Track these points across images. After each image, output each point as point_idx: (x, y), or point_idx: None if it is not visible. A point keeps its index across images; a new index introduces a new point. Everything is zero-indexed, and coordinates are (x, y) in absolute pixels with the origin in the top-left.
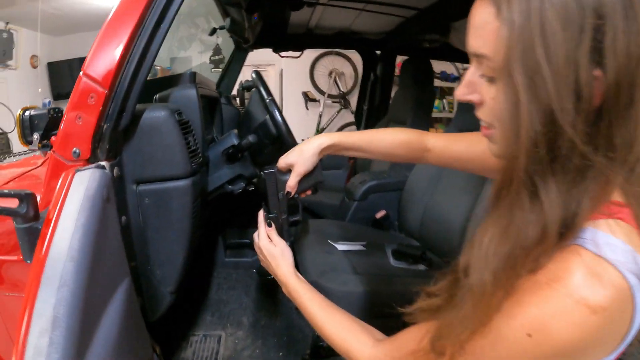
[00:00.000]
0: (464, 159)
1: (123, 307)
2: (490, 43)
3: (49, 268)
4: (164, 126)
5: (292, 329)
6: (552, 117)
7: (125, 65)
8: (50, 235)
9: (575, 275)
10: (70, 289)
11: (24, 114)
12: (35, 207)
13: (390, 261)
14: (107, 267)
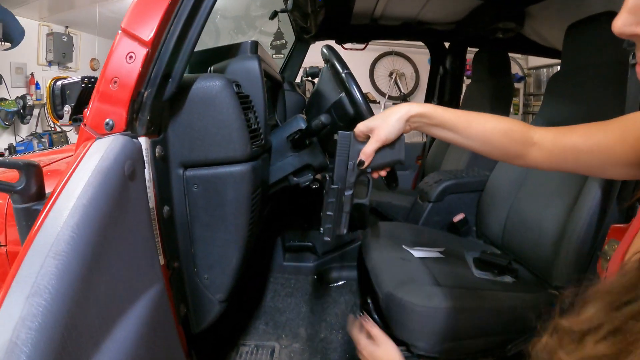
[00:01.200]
0: (583, 151)
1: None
2: None
3: (25, 267)
4: (219, 98)
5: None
6: None
7: (173, 20)
8: (42, 220)
9: None
10: (47, 300)
11: (54, 84)
12: (39, 183)
13: (473, 271)
14: (124, 270)
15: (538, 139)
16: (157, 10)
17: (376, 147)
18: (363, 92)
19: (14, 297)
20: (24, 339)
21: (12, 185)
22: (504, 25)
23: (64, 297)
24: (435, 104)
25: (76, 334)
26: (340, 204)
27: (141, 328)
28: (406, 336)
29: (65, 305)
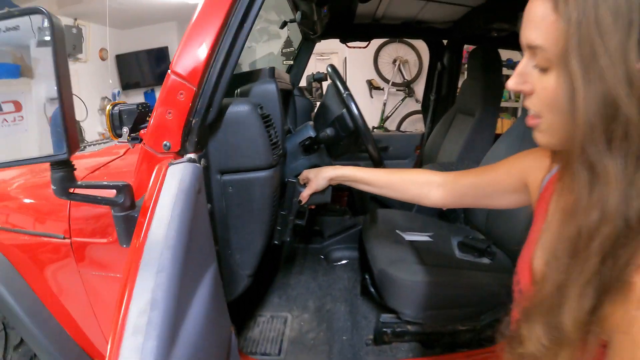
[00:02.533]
0: (480, 186)
1: (210, 289)
2: (546, 35)
3: (147, 254)
4: (247, 120)
5: (356, 314)
6: (608, 101)
7: (212, 63)
8: (147, 224)
9: None
10: (167, 274)
11: (113, 109)
12: (132, 197)
13: (456, 253)
14: (198, 253)
15: (441, 182)
16: (200, 55)
17: (309, 192)
18: (360, 109)
19: (145, 274)
20: (159, 297)
21: (114, 200)
22: (498, 26)
23: (175, 272)
24: (433, 98)
25: (181, 294)
26: (286, 223)
27: (210, 290)
28: (396, 305)
29: (175, 277)
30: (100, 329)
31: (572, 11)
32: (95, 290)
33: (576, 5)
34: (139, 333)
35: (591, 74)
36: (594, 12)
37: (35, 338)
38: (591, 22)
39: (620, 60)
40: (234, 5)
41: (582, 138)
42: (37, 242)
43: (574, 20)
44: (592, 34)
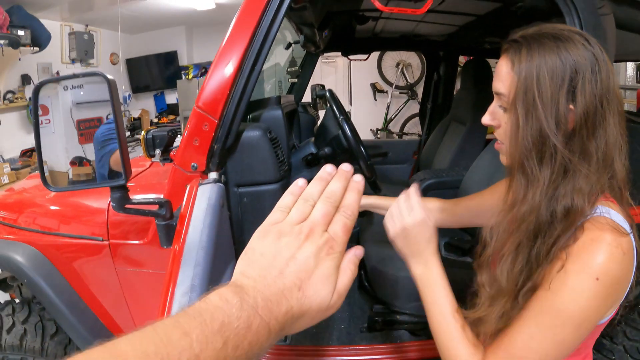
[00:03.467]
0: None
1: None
2: (506, 86)
3: (186, 253)
4: (258, 143)
5: (353, 305)
6: (541, 133)
7: (230, 99)
8: (185, 231)
9: (608, 232)
10: (202, 267)
11: (147, 135)
12: (171, 210)
13: (442, 252)
14: (222, 252)
15: (446, 207)
16: (221, 94)
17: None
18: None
19: (185, 267)
20: (197, 284)
21: (158, 212)
22: (490, 39)
23: (207, 266)
24: (430, 106)
25: (211, 281)
26: None
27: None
28: (385, 297)
29: (208, 269)
30: (131, 317)
31: (521, 70)
32: (129, 284)
33: (524, 66)
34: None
35: (529, 115)
36: (536, 72)
37: (73, 326)
38: (533, 78)
39: (551, 106)
40: (247, 52)
41: (521, 156)
42: (76, 244)
43: (521, 76)
44: (532, 87)
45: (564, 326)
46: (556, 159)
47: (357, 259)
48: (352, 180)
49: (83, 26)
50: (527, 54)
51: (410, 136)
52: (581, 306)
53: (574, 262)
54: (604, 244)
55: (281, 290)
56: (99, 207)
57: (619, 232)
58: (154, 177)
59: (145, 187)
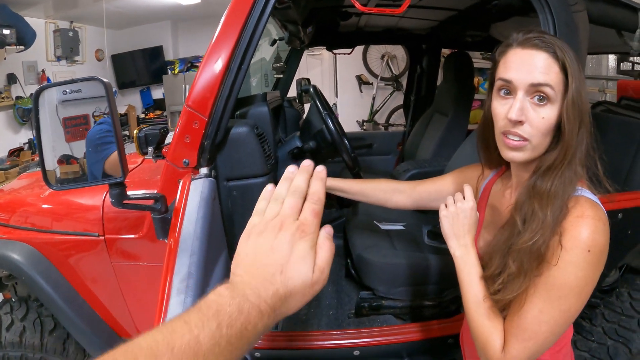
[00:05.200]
0: (432, 192)
1: (224, 265)
2: (552, 79)
3: (182, 243)
4: (246, 138)
5: (341, 292)
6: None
7: (218, 98)
8: (180, 223)
9: (590, 208)
10: (197, 256)
11: (139, 133)
12: (166, 204)
13: (425, 240)
14: (215, 242)
15: (402, 189)
16: (209, 92)
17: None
18: (336, 125)
19: (182, 256)
20: (193, 271)
21: (154, 207)
22: (471, 33)
23: (202, 255)
24: (413, 98)
25: (206, 268)
26: None
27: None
28: (371, 283)
29: (203, 258)
30: (128, 311)
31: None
32: (125, 277)
33: (572, 64)
34: (181, 293)
35: (576, 110)
36: (578, 70)
37: (71, 321)
38: (578, 71)
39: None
40: (234, 53)
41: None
42: (72, 240)
43: (574, 73)
44: (578, 83)
45: (568, 296)
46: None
47: (330, 235)
48: (315, 171)
49: (68, 23)
50: (560, 48)
51: (396, 127)
52: (580, 277)
53: (568, 239)
54: (589, 219)
55: (265, 278)
56: (93, 204)
57: (596, 206)
58: (146, 173)
59: (139, 183)
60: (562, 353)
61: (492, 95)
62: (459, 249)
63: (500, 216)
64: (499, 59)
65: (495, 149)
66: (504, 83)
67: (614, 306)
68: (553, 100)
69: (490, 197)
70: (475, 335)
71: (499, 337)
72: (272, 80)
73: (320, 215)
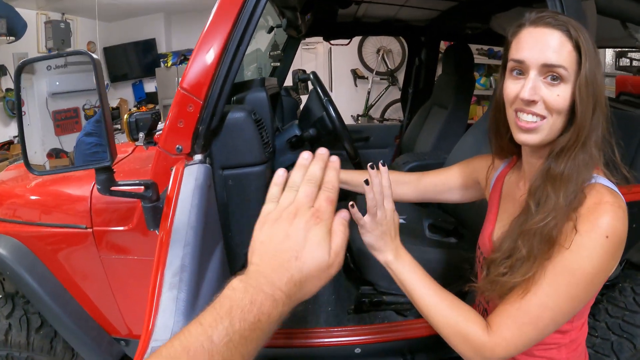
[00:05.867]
0: (437, 184)
1: (220, 258)
2: (565, 58)
3: (175, 233)
4: (243, 124)
5: (339, 287)
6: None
7: (215, 80)
8: (173, 212)
9: (608, 195)
10: (191, 247)
11: (130, 118)
12: (157, 192)
13: (426, 233)
14: (210, 232)
15: (407, 180)
16: (205, 74)
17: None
18: (338, 112)
19: (175, 247)
20: (187, 263)
21: (144, 195)
22: (472, 25)
23: (197, 246)
24: (411, 91)
25: (201, 261)
26: None
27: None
28: (372, 278)
29: (197, 249)
30: (117, 306)
31: (586, 48)
32: (114, 272)
33: (585, 40)
34: (174, 288)
35: (590, 90)
36: (593, 50)
37: (58, 318)
38: (593, 52)
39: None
40: (232, 32)
41: (589, 129)
42: (59, 233)
43: (587, 50)
44: (593, 63)
45: (579, 283)
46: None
47: (345, 220)
48: (329, 160)
49: (59, 14)
50: (573, 27)
51: (391, 122)
52: (594, 264)
53: (584, 223)
54: (608, 205)
55: (280, 264)
56: (81, 195)
57: (614, 193)
58: (136, 162)
59: (129, 172)
60: (578, 352)
61: (504, 77)
62: (389, 254)
63: (515, 207)
64: (512, 39)
65: (506, 135)
66: (516, 64)
67: (617, 301)
68: (566, 79)
69: (503, 188)
70: (447, 335)
71: (474, 322)
72: (267, 72)
73: (334, 203)
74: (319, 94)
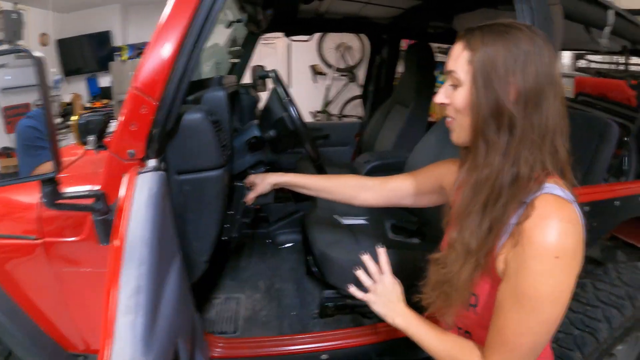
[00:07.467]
0: (402, 189)
1: (178, 275)
2: (460, 65)
3: (128, 250)
4: (200, 126)
5: (303, 291)
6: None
7: (170, 79)
8: (125, 226)
9: (555, 208)
10: (147, 265)
11: (80, 120)
12: (107, 203)
13: (389, 235)
14: (167, 247)
15: (370, 185)
16: (160, 73)
17: (254, 195)
18: (299, 113)
19: (129, 266)
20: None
21: (94, 206)
22: (434, 24)
23: (153, 263)
24: (372, 89)
25: (158, 280)
26: (234, 221)
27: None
28: (335, 282)
29: (153, 268)
30: (73, 321)
31: (476, 49)
32: (68, 285)
33: (479, 46)
34: (130, 312)
35: (487, 88)
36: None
37: (11, 335)
38: (488, 56)
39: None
40: (190, 26)
41: (482, 124)
42: (6, 244)
43: (477, 54)
44: (487, 63)
45: (543, 306)
46: (512, 126)
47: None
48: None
49: (11, 4)
50: (481, 37)
51: (350, 118)
52: (551, 286)
53: (530, 245)
54: (554, 221)
55: None
56: (29, 202)
57: (564, 205)
58: (88, 166)
59: (79, 178)
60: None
61: None
62: (397, 318)
63: None
64: None
65: None
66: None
67: (579, 297)
68: (463, 83)
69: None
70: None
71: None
72: (226, 68)
73: None
74: (280, 94)
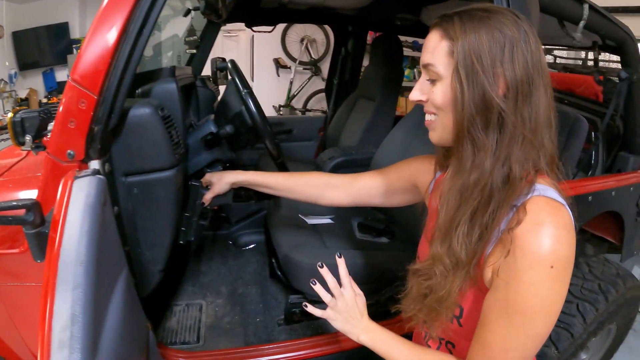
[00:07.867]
0: (372, 188)
1: (124, 294)
2: (439, 57)
3: (62, 270)
4: (149, 123)
5: (267, 295)
6: (484, 97)
7: (112, 70)
8: (59, 242)
9: (549, 212)
10: (82, 289)
11: (15, 117)
12: (41, 214)
13: (356, 234)
14: (109, 263)
15: (337, 184)
16: (101, 63)
17: (212, 195)
18: (259, 106)
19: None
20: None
21: (24, 218)
22: (402, 16)
23: (89, 286)
24: (336, 82)
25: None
26: (190, 223)
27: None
28: (300, 286)
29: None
30: (21, 337)
31: (457, 38)
32: (12, 301)
33: (460, 35)
34: (64, 347)
35: (471, 81)
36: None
37: None
38: (471, 46)
39: (491, 72)
40: (133, 12)
41: (467, 123)
42: None
43: (458, 44)
44: (471, 54)
45: (534, 320)
46: (501, 123)
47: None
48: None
49: None
50: (460, 24)
51: (314, 112)
52: (545, 296)
53: (523, 255)
54: (549, 228)
55: None
56: None
57: (558, 209)
58: (31, 169)
59: (20, 182)
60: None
61: None
62: (362, 335)
63: None
64: None
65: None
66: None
67: None
68: (442, 76)
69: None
70: None
71: None
72: (185, 59)
73: None
74: (237, 85)
